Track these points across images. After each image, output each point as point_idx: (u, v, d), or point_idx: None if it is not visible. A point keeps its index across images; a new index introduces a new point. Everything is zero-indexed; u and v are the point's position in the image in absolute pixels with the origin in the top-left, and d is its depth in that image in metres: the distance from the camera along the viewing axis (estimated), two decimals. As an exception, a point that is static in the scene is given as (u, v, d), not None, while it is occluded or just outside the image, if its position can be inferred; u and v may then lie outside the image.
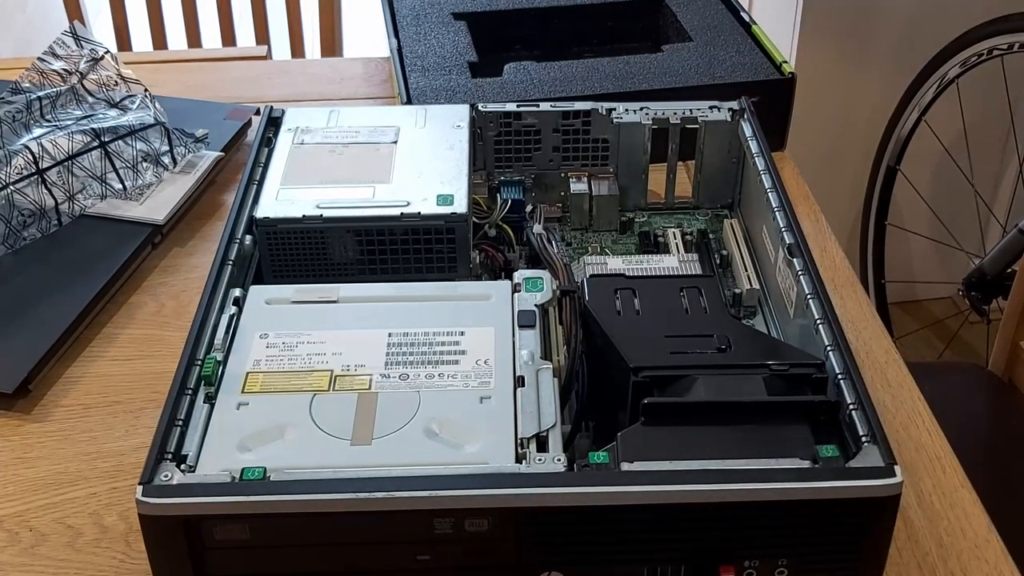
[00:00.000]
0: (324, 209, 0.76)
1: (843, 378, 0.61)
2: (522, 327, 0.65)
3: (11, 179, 0.89)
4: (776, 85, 1.01)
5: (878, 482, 0.54)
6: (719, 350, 0.63)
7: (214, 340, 0.65)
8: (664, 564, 0.57)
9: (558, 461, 0.56)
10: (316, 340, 0.65)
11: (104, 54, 1.05)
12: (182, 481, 0.55)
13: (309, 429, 0.59)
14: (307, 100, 1.17)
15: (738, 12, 1.14)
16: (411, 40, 1.11)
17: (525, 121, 0.87)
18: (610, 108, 0.86)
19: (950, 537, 0.67)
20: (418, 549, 0.56)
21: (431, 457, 0.57)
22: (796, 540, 0.56)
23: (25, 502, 0.70)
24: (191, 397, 0.61)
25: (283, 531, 0.55)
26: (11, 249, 0.88)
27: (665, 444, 0.56)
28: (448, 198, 0.76)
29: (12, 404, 0.77)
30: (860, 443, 0.57)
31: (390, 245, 0.76)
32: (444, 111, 0.87)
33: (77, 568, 0.66)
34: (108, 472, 0.72)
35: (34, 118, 0.98)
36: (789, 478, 0.54)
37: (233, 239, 0.73)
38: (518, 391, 0.61)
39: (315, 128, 0.85)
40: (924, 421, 0.75)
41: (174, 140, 0.98)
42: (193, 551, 0.55)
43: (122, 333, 0.84)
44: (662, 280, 0.72)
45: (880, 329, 0.83)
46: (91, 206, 0.93)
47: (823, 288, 0.68)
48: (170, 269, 0.91)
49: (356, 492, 0.53)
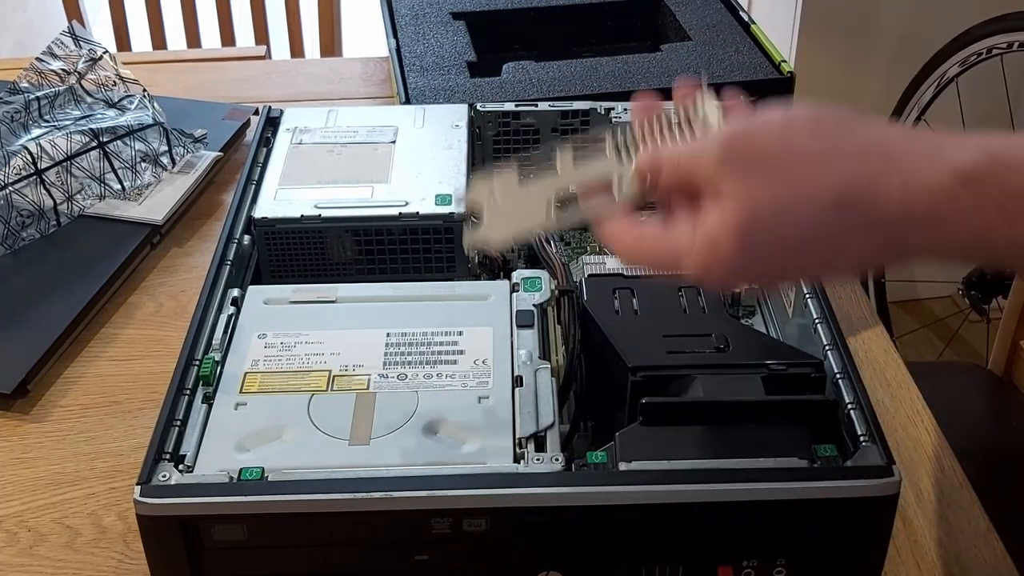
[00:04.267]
0: (322, 209, 0.76)
1: (841, 377, 0.61)
2: (520, 327, 0.65)
3: (10, 180, 0.89)
4: (775, 84, 1.01)
5: (876, 482, 0.54)
6: (717, 350, 0.63)
7: (212, 340, 0.65)
8: (662, 564, 0.57)
9: (556, 461, 0.56)
10: (314, 340, 0.65)
11: (103, 54, 1.05)
12: (180, 481, 0.55)
13: (307, 429, 0.59)
14: (306, 100, 1.16)
15: (737, 11, 1.14)
16: (410, 40, 1.11)
17: (524, 121, 0.87)
18: (609, 108, 0.86)
19: (949, 537, 0.67)
20: (416, 549, 0.56)
21: (429, 457, 0.57)
22: (794, 540, 0.56)
23: (24, 502, 0.70)
24: (189, 397, 0.61)
25: (281, 531, 0.55)
26: (10, 250, 0.88)
27: (663, 444, 0.56)
28: (446, 198, 0.76)
29: (11, 404, 0.77)
30: (858, 442, 0.57)
31: (388, 245, 0.76)
32: (443, 111, 0.87)
33: (76, 568, 0.66)
34: (106, 472, 0.72)
35: (32, 118, 0.98)
36: (787, 478, 0.54)
37: (231, 239, 0.73)
38: (516, 391, 0.61)
39: (313, 128, 0.85)
40: (923, 420, 0.75)
41: (173, 140, 0.98)
42: (191, 551, 0.55)
43: (121, 333, 0.84)
44: (660, 280, 0.72)
45: (879, 328, 0.83)
46: (90, 206, 0.93)
47: (822, 287, 0.68)
48: (169, 269, 0.91)
49: (354, 492, 0.53)
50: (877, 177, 0.45)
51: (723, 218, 0.47)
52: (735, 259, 0.47)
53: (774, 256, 0.48)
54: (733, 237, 0.47)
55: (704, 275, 0.49)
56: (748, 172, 0.47)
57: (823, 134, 0.47)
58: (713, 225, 0.47)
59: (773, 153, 0.47)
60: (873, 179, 0.45)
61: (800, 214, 0.46)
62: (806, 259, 0.48)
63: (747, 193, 0.47)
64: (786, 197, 0.46)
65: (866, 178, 0.45)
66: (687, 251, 0.49)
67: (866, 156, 0.46)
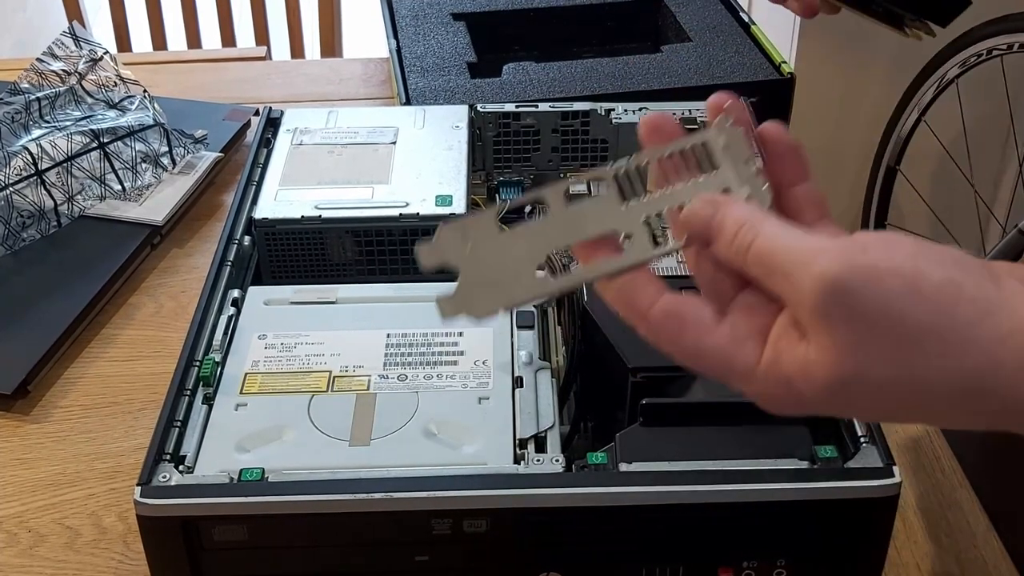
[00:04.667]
0: (323, 210, 0.76)
1: (842, 378, 0.61)
2: (521, 328, 0.65)
3: (10, 180, 0.89)
4: (775, 85, 1.01)
5: (876, 482, 0.54)
6: (718, 350, 0.63)
7: (212, 341, 0.65)
8: (662, 565, 0.57)
9: (556, 462, 0.56)
10: (314, 341, 0.65)
11: (103, 55, 1.05)
12: (180, 482, 0.55)
13: (307, 430, 0.59)
14: (306, 101, 1.16)
15: (737, 12, 1.14)
16: (410, 41, 1.11)
17: (524, 122, 0.87)
18: (609, 108, 0.86)
19: (949, 537, 0.67)
20: (416, 550, 0.56)
21: (429, 458, 0.57)
22: (794, 541, 0.56)
23: (24, 503, 0.70)
24: (189, 398, 0.61)
25: (281, 532, 0.55)
26: (10, 250, 0.88)
27: (663, 445, 0.56)
28: (447, 199, 0.76)
29: (11, 405, 0.77)
30: (859, 443, 0.57)
31: (388, 246, 0.76)
32: (443, 112, 0.87)
33: (76, 569, 0.66)
34: (107, 473, 0.72)
35: (33, 119, 0.98)
36: (787, 479, 0.54)
37: (232, 240, 0.73)
38: (516, 392, 0.61)
39: (314, 129, 0.85)
40: (923, 421, 0.75)
41: (173, 141, 0.98)
42: (191, 552, 0.55)
43: (121, 334, 0.84)
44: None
45: (879, 329, 0.83)
46: (90, 207, 0.93)
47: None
48: (169, 270, 0.91)
49: (354, 493, 0.53)
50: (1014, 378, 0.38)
51: (809, 365, 0.39)
52: (814, 406, 0.40)
53: (863, 412, 0.43)
54: (822, 389, 0.39)
55: (772, 403, 0.42)
56: (859, 329, 0.38)
57: (958, 321, 0.38)
58: (795, 366, 0.40)
59: (894, 319, 0.38)
60: (1009, 378, 0.38)
61: (914, 394, 0.39)
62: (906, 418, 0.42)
63: (853, 352, 0.38)
64: (901, 377, 0.39)
65: (1000, 377, 0.38)
66: (749, 371, 0.41)
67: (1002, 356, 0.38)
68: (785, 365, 0.40)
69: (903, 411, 0.41)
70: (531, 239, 0.45)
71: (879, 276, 0.38)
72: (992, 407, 0.39)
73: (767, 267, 0.40)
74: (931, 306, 0.38)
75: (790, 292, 0.40)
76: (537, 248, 0.45)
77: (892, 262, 0.38)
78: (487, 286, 0.45)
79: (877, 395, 0.39)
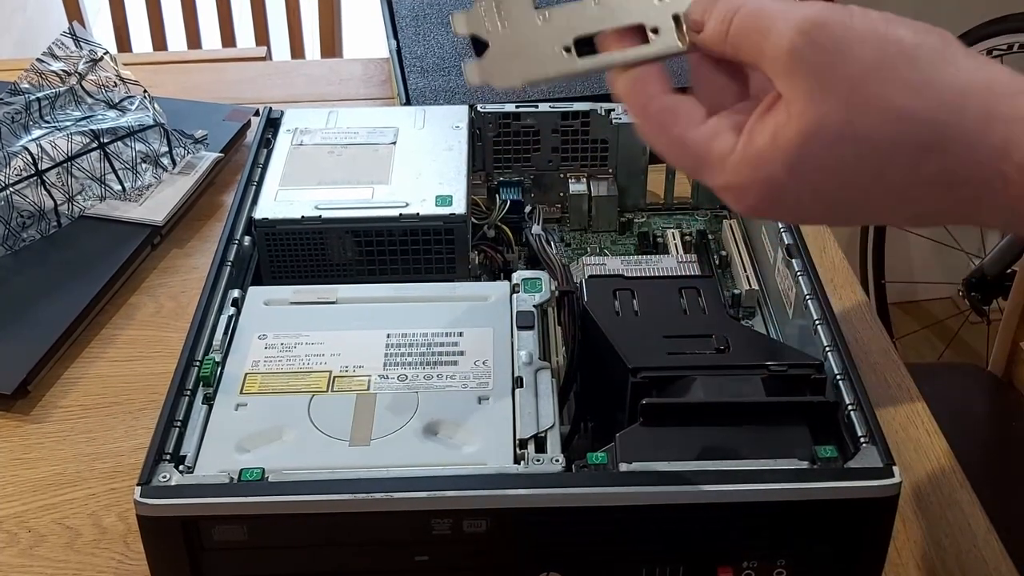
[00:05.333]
0: (323, 210, 0.76)
1: (842, 379, 0.61)
2: (521, 328, 0.65)
3: (10, 180, 0.89)
4: (775, 85, 1.01)
5: (877, 483, 0.54)
6: (718, 351, 0.63)
7: (213, 341, 0.65)
8: (662, 565, 0.57)
9: (556, 462, 0.56)
10: (315, 341, 0.65)
11: (103, 55, 1.05)
12: (180, 482, 0.55)
13: (307, 430, 0.59)
14: (306, 101, 1.16)
15: (737, 12, 1.14)
16: (410, 41, 1.11)
17: (524, 122, 0.87)
18: (609, 109, 0.86)
19: (949, 537, 0.67)
20: (416, 550, 0.56)
21: (429, 458, 0.57)
22: (794, 541, 0.56)
23: (24, 503, 0.70)
24: (189, 398, 0.61)
25: (281, 532, 0.55)
26: (10, 250, 0.88)
27: (664, 445, 0.56)
28: (447, 199, 0.76)
29: (11, 405, 0.77)
30: (859, 444, 0.57)
31: (389, 246, 0.76)
32: (443, 112, 0.87)
33: (76, 569, 0.66)
34: (107, 473, 0.72)
35: (33, 119, 0.98)
36: (788, 479, 0.54)
37: (232, 240, 0.74)
38: (516, 392, 0.61)
39: (314, 129, 0.85)
40: (923, 421, 0.75)
41: (173, 141, 0.98)
42: (191, 552, 0.55)
43: (121, 334, 0.84)
44: (661, 281, 0.72)
45: (879, 330, 0.83)
46: (90, 207, 0.93)
47: (822, 288, 0.68)
48: (169, 270, 0.91)
49: (354, 493, 0.53)
50: (974, 131, 0.39)
51: (777, 129, 0.40)
52: (781, 180, 0.41)
53: (826, 188, 0.41)
54: (787, 153, 0.40)
55: (738, 194, 0.43)
56: (825, 75, 0.40)
57: (921, 65, 0.40)
58: (765, 136, 0.41)
59: (862, 66, 0.40)
60: (968, 131, 0.39)
61: (873, 147, 0.40)
62: (862, 201, 0.42)
63: (816, 103, 0.40)
64: (863, 124, 0.39)
65: (959, 129, 0.39)
66: (722, 159, 0.42)
67: (964, 104, 0.40)
68: (755, 141, 0.42)
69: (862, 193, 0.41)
70: (563, 20, 0.47)
71: (851, 14, 0.41)
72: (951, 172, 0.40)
73: (747, 31, 0.42)
74: (894, 47, 0.40)
75: (768, 48, 0.41)
76: (568, 28, 0.47)
77: (867, 15, 0.41)
78: (514, 58, 0.48)
79: (840, 159, 0.40)
